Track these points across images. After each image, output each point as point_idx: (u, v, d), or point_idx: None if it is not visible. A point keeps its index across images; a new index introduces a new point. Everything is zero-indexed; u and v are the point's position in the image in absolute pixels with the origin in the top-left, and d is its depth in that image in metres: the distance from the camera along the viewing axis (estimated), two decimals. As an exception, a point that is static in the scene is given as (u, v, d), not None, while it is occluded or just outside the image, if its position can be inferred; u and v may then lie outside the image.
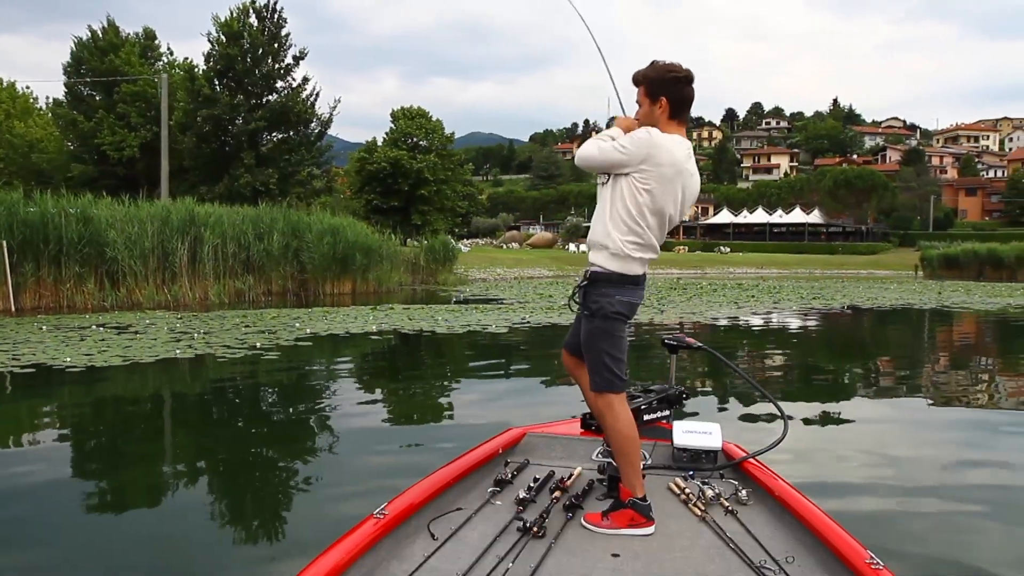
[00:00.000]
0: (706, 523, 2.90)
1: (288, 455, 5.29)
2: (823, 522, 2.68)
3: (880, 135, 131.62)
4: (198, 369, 8.43)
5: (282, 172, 34.76)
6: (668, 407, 3.82)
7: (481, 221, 71.49)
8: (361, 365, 9.64)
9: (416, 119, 49.42)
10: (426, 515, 2.84)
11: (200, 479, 4.76)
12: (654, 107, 2.94)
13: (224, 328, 11.80)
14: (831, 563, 2.49)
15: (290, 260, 20.37)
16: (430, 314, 14.70)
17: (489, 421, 5.95)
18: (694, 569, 2.54)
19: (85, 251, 15.61)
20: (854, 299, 22.13)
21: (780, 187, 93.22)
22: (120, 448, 5.49)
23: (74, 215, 15.66)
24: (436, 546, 2.63)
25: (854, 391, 8.36)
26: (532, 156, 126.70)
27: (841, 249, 72.41)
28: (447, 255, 28.54)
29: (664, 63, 2.97)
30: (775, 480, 3.16)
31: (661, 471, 3.46)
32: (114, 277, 16.13)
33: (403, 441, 5.65)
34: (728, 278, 41.02)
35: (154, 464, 5.06)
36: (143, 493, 4.50)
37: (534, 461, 3.58)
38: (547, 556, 2.56)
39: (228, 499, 4.35)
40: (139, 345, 9.62)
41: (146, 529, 3.82)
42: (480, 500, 3.07)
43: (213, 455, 5.29)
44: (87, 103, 37.26)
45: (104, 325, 11.92)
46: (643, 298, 3.05)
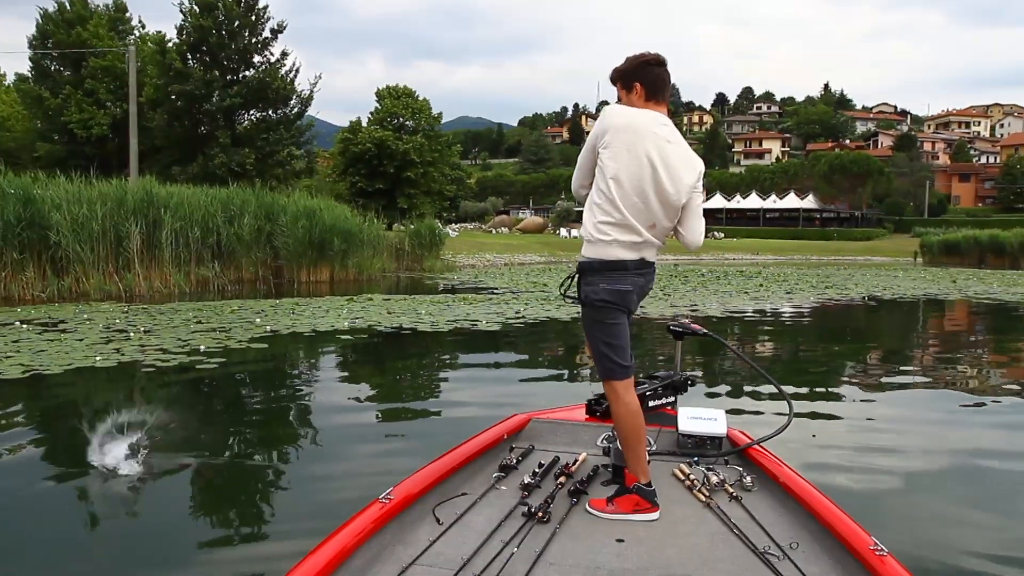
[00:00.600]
0: (710, 509, 2.89)
1: (282, 446, 4.94)
2: (827, 508, 2.66)
3: (871, 120, 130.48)
4: (107, 385, 6.82)
5: (260, 152, 32.86)
6: (673, 393, 3.83)
7: (470, 205, 69.80)
8: (320, 375, 8.02)
9: (402, 98, 47.46)
10: (431, 500, 2.83)
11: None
12: (630, 95, 2.98)
13: (171, 324, 10.14)
14: (835, 549, 2.48)
15: (263, 245, 18.68)
16: (413, 306, 13.08)
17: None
18: (698, 555, 2.53)
19: (25, 235, 13.88)
20: (870, 289, 20.64)
21: (773, 172, 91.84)
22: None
23: (12, 195, 13.89)
24: (441, 531, 2.63)
25: (888, 386, 7.79)
26: (521, 140, 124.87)
27: (836, 235, 71.24)
28: (434, 240, 26.86)
29: (635, 54, 3.02)
30: (780, 466, 3.14)
31: (666, 457, 3.45)
32: (59, 265, 14.39)
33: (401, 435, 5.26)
34: (724, 264, 39.59)
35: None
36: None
37: (539, 447, 3.57)
38: (551, 541, 2.57)
39: (229, 491, 4.14)
40: (57, 348, 7.97)
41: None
42: (485, 485, 3.07)
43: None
44: (53, 78, 35.14)
45: (30, 321, 10.24)
46: (643, 287, 2.95)
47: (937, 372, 8.80)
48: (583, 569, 2.44)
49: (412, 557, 2.41)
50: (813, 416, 5.98)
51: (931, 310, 16.53)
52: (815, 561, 2.48)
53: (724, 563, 2.49)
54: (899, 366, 9.28)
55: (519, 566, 2.39)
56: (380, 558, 2.41)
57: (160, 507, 3.86)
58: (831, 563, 2.46)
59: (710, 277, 24.81)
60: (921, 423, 6.08)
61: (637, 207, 2.83)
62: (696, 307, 14.06)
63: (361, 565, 2.33)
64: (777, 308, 14.98)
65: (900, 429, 5.72)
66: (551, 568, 2.43)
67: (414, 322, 10.91)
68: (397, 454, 4.76)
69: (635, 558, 2.51)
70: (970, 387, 7.83)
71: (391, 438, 5.28)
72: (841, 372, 8.71)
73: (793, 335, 12.04)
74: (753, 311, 14.05)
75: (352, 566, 2.29)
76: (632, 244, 2.85)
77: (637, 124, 2.85)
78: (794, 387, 7.10)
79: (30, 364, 7.04)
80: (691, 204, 2.98)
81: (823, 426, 5.72)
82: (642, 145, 2.83)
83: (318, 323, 10.61)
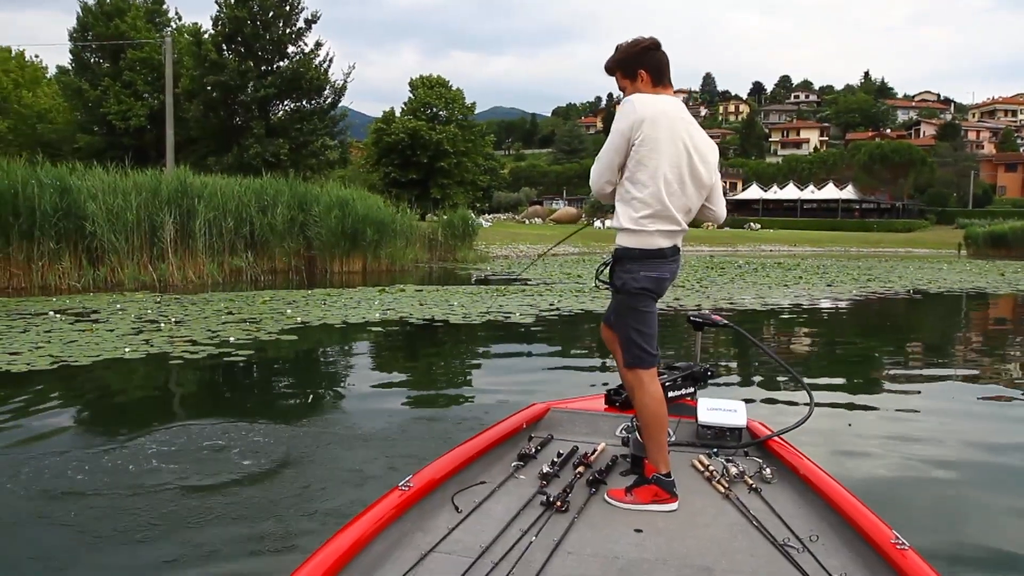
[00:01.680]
0: (730, 500, 2.87)
1: (305, 435, 4.96)
2: (848, 501, 2.62)
3: (913, 109, 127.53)
4: (132, 377, 6.73)
5: (294, 142, 32.91)
6: (693, 384, 3.80)
7: (503, 196, 69.61)
8: (348, 368, 7.87)
9: (436, 88, 47.33)
10: (450, 488, 2.83)
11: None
12: (636, 83, 2.92)
13: (203, 315, 10.08)
14: (856, 542, 2.45)
15: (296, 235, 18.67)
16: (445, 297, 12.91)
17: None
18: (717, 546, 2.51)
19: (61, 225, 13.96)
20: (914, 282, 20.03)
21: (812, 162, 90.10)
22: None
23: (48, 185, 13.97)
24: (460, 518, 2.63)
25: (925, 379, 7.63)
26: (555, 130, 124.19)
27: (876, 226, 69.66)
28: (467, 231, 26.68)
29: (626, 42, 2.97)
30: (800, 459, 3.11)
31: (685, 448, 3.42)
32: (94, 255, 14.46)
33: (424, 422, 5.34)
34: (761, 255, 38.91)
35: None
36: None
37: (558, 436, 3.56)
38: (570, 530, 2.57)
39: (251, 475, 4.08)
40: (88, 339, 7.93)
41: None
42: (504, 474, 3.06)
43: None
44: (93, 70, 35.57)
45: (64, 311, 10.25)
46: (675, 273, 2.98)
47: (982, 367, 8.48)
48: (601, 558, 2.43)
49: (431, 544, 2.42)
50: (850, 407, 5.96)
51: (979, 304, 15.97)
52: (835, 554, 2.45)
53: (743, 555, 2.47)
54: (943, 360, 9.00)
55: (537, 554, 2.39)
56: (399, 545, 2.42)
57: (173, 495, 3.73)
58: (851, 556, 2.44)
59: (747, 269, 24.33)
60: (958, 418, 5.94)
61: (677, 196, 2.84)
62: (733, 300, 13.71)
63: (380, 551, 2.35)
64: (818, 301, 14.55)
65: (937, 424, 5.64)
66: (569, 557, 2.43)
67: (446, 313, 10.74)
68: (420, 443, 4.66)
69: (653, 548, 2.51)
70: (1015, 383, 7.56)
71: (415, 428, 5.13)
72: (882, 365, 8.48)
73: (835, 328, 11.65)
74: (793, 304, 13.65)
75: (372, 552, 2.30)
76: (670, 232, 2.87)
77: (669, 112, 2.82)
78: (830, 378, 7.07)
79: (59, 355, 6.98)
80: (716, 183, 3.04)
81: (858, 417, 5.69)
82: (677, 133, 2.81)
83: (349, 314, 10.48)
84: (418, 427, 5.17)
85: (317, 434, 4.83)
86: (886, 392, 6.85)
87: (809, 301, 14.35)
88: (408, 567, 2.29)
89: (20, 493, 3.71)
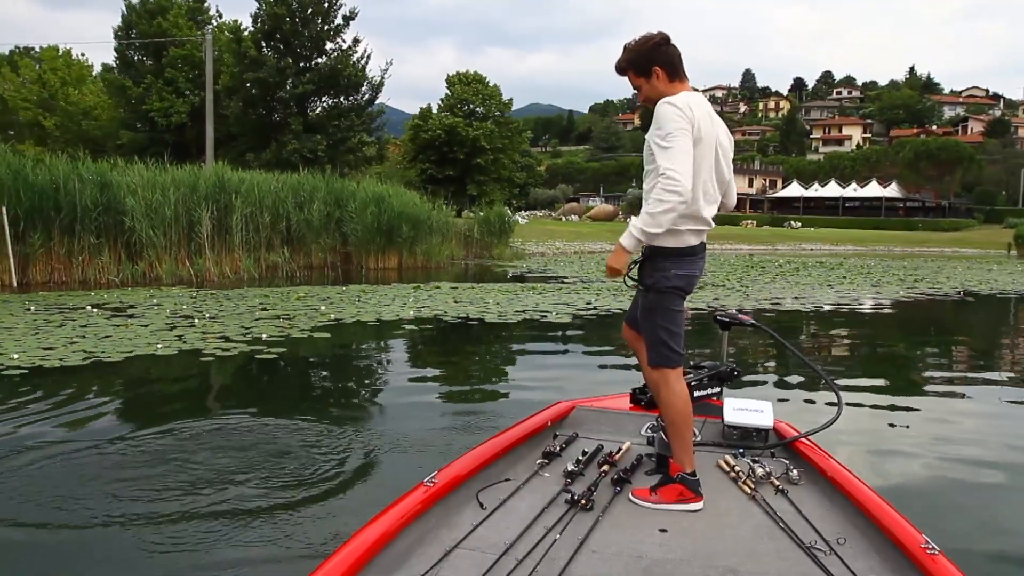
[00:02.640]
0: (756, 502, 2.82)
1: (333, 431, 4.92)
2: (876, 504, 2.56)
3: (960, 105, 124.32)
4: (162, 375, 6.67)
5: (331, 139, 33.06)
6: (719, 384, 3.73)
7: (539, 192, 69.37)
8: (379, 365, 7.72)
9: (472, 84, 47.21)
10: (475, 485, 2.81)
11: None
12: (652, 81, 2.88)
13: (237, 311, 10.04)
14: (884, 546, 2.40)
15: (332, 231, 18.66)
16: (480, 295, 12.75)
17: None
18: (743, 547, 2.47)
19: (101, 220, 14.08)
20: (964, 283, 19.40)
21: (854, 159, 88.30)
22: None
23: (89, 180, 14.09)
24: (484, 515, 2.61)
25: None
26: (592, 127, 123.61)
27: (921, 225, 67.92)
28: (503, 227, 26.48)
29: (635, 40, 2.92)
30: (827, 460, 3.06)
31: (711, 448, 3.38)
32: (133, 249, 14.57)
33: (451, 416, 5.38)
34: (802, 255, 38.12)
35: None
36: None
37: (583, 435, 3.54)
38: (594, 529, 2.54)
39: (278, 471, 4.04)
40: (121, 335, 7.89)
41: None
42: (528, 472, 3.04)
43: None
44: (136, 68, 36.15)
45: (101, 306, 10.28)
46: (702, 270, 3.00)
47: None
48: (625, 558, 2.41)
49: (455, 540, 2.42)
50: (892, 408, 5.89)
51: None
52: (862, 557, 2.41)
53: (769, 556, 2.43)
54: (992, 364, 8.74)
55: (561, 552, 2.38)
56: (424, 540, 2.43)
57: (201, 487, 3.72)
58: (879, 559, 2.39)
59: (788, 268, 23.81)
60: (1004, 421, 5.79)
61: (711, 195, 2.89)
62: (776, 300, 13.34)
63: (405, 547, 2.35)
64: (863, 302, 14.10)
65: (980, 427, 5.51)
66: (593, 556, 2.40)
67: (481, 312, 10.57)
68: (447, 441, 4.61)
69: (678, 549, 2.48)
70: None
71: (445, 426, 5.03)
72: (928, 367, 8.29)
73: (880, 330, 11.25)
74: (837, 304, 13.23)
75: (396, 547, 2.31)
76: (700, 232, 2.89)
77: (707, 113, 2.82)
78: (872, 379, 7.01)
79: (92, 351, 6.95)
80: (731, 175, 3.09)
81: (899, 418, 5.64)
82: (712, 134, 2.83)
83: (383, 312, 10.36)
84: (448, 425, 5.09)
85: (343, 432, 4.72)
86: (930, 395, 6.63)
87: (854, 302, 13.91)
88: (432, 563, 2.28)
89: (44, 490, 3.61)
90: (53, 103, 43.05)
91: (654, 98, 2.86)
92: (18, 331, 7.97)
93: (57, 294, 11.79)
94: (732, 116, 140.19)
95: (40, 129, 42.52)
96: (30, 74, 46.09)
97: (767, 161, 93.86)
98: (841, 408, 3.39)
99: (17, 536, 3.20)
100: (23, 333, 7.85)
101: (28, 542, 3.16)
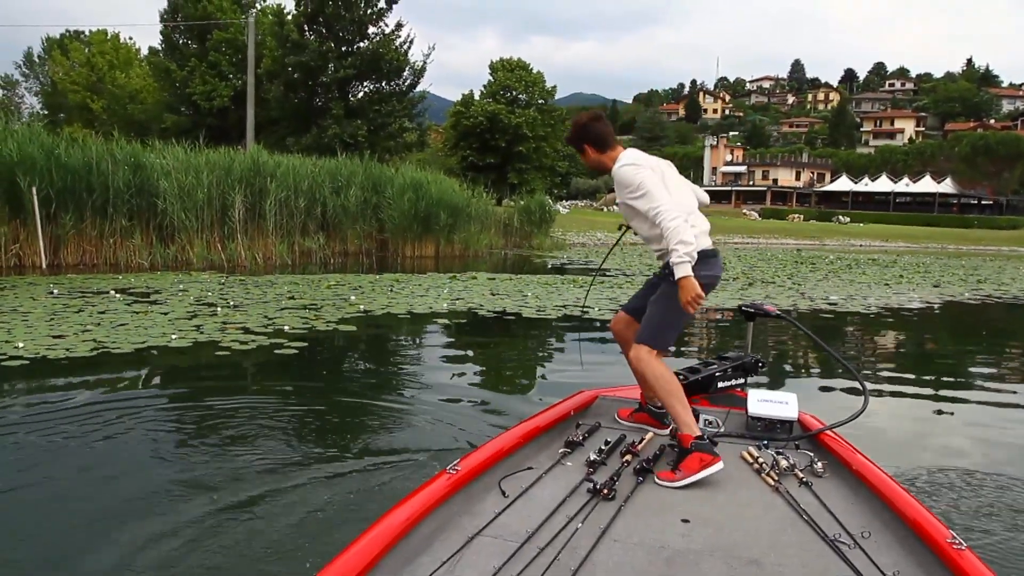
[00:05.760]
0: (779, 493, 2.80)
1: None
2: (902, 498, 2.54)
3: (1020, 99, 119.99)
4: (169, 369, 6.22)
5: (372, 124, 32.68)
6: (743, 375, 3.76)
7: (581, 182, 68.43)
8: (404, 367, 7.21)
9: (516, 71, 46.49)
10: (497, 473, 2.81)
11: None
12: (586, 155, 3.37)
13: (263, 299, 9.62)
14: (910, 540, 2.37)
15: (368, 218, 18.25)
16: (518, 287, 12.18)
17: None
18: (766, 539, 2.45)
19: (133, 202, 13.82)
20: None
21: (907, 153, 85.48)
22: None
23: (122, 161, 13.83)
24: (506, 503, 2.61)
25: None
26: (636, 117, 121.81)
27: (977, 223, 65.51)
28: (544, 217, 25.90)
29: (574, 120, 3.41)
30: (853, 453, 3.01)
31: (735, 439, 3.33)
32: (164, 233, 14.28)
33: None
34: (852, 251, 36.84)
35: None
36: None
37: (605, 424, 3.51)
38: (616, 518, 2.53)
39: (301, 454, 4.12)
40: (138, 323, 7.49)
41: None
42: (551, 460, 3.03)
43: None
44: (181, 51, 36.18)
45: (126, 290, 9.95)
46: (720, 275, 3.29)
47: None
48: (647, 547, 2.39)
49: (477, 528, 2.41)
50: (928, 404, 5.89)
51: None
52: (887, 551, 2.37)
53: (792, 548, 2.40)
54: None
55: (583, 541, 2.37)
56: (446, 527, 2.42)
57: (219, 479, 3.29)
58: (904, 554, 2.36)
59: (840, 265, 22.80)
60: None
61: (687, 204, 3.27)
62: (834, 300, 12.53)
63: (428, 533, 2.35)
64: (922, 303, 13.21)
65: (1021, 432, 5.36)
66: (615, 545, 2.39)
67: (519, 306, 10.01)
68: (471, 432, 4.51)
69: (700, 539, 2.46)
70: None
71: (468, 421, 4.52)
72: (979, 368, 7.93)
73: (942, 332, 10.42)
74: (899, 305, 12.38)
75: (419, 534, 2.31)
76: (702, 232, 3.22)
77: (649, 162, 3.31)
78: (913, 376, 6.94)
79: (103, 340, 6.55)
80: (685, 182, 3.49)
81: (931, 416, 5.60)
82: (659, 165, 3.36)
83: (415, 303, 9.86)
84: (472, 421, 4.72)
85: (358, 425, 4.26)
86: (974, 395, 6.38)
87: (913, 302, 13.03)
88: (455, 550, 2.26)
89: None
90: (101, 86, 43.50)
91: (594, 166, 3.36)
92: (34, 317, 7.63)
93: (84, 277, 11.52)
94: (779, 108, 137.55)
95: (88, 112, 42.98)
96: (79, 57, 46.61)
97: (815, 154, 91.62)
98: (867, 401, 3.34)
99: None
100: (38, 319, 7.50)
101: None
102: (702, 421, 3.39)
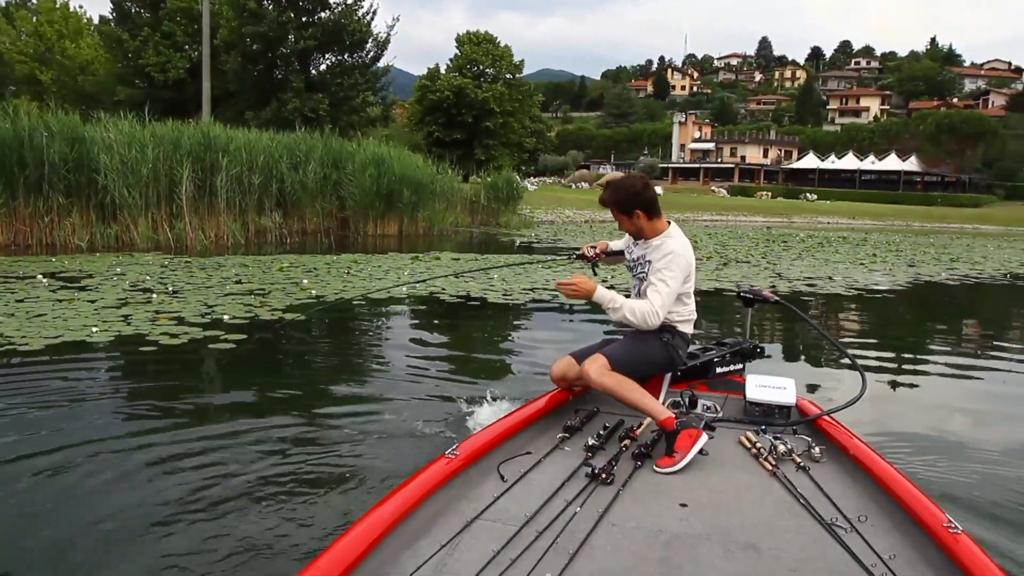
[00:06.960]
0: (777, 478, 2.82)
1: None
2: (899, 482, 2.55)
3: (982, 77, 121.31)
4: (78, 372, 5.50)
5: (334, 98, 31.62)
6: (742, 361, 3.76)
7: (549, 159, 67.85)
8: (349, 361, 6.55)
9: (483, 44, 45.56)
10: (496, 457, 2.82)
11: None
12: (633, 219, 3.32)
13: (207, 284, 8.87)
14: (906, 524, 2.39)
15: (328, 195, 17.41)
16: (483, 267, 11.53)
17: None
18: (763, 523, 2.48)
19: (71, 178, 12.87)
20: (1004, 264, 18.07)
21: (873, 131, 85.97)
22: None
23: (59, 134, 12.86)
24: (505, 487, 2.61)
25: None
26: (604, 93, 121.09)
27: (940, 200, 66.13)
28: (511, 194, 25.24)
29: (619, 183, 3.40)
30: (850, 438, 3.02)
31: (732, 424, 3.36)
32: (106, 211, 13.36)
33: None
34: (821, 228, 36.71)
35: None
36: None
37: (604, 409, 3.49)
38: (614, 502, 2.55)
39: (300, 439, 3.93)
40: (59, 313, 6.72)
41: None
42: (549, 445, 3.04)
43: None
44: (133, 20, 34.63)
45: (56, 274, 9.12)
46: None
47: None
48: (645, 531, 2.40)
49: (476, 512, 2.42)
50: (923, 389, 5.85)
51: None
52: (884, 535, 2.38)
53: (789, 533, 2.41)
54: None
55: (581, 525, 2.37)
56: (445, 511, 2.42)
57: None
58: (900, 537, 2.36)
59: (812, 244, 22.47)
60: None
61: (688, 295, 3.41)
62: (813, 281, 12.06)
63: (426, 517, 2.34)
64: (907, 284, 12.81)
65: (1017, 413, 5.34)
66: (613, 529, 2.40)
67: (484, 289, 9.37)
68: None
69: (698, 524, 2.46)
70: None
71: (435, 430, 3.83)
72: (972, 351, 7.80)
73: (926, 314, 10.01)
74: (877, 287, 11.95)
75: (418, 518, 2.30)
76: (689, 320, 3.45)
77: (689, 249, 3.39)
78: (906, 360, 6.86)
79: (11, 336, 5.77)
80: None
81: (929, 401, 5.54)
82: (692, 259, 3.40)
83: (372, 287, 9.18)
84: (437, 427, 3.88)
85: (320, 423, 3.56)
86: (970, 379, 6.26)
87: (897, 283, 12.62)
88: (453, 533, 2.27)
89: None
90: (49, 57, 41.64)
91: (634, 229, 3.35)
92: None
93: (13, 259, 10.64)
94: (747, 85, 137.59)
95: (37, 84, 41.20)
96: (27, 26, 44.63)
97: (782, 131, 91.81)
98: (865, 386, 3.35)
99: None
100: (-58, 309, 6.69)
101: None
102: (701, 407, 3.44)
